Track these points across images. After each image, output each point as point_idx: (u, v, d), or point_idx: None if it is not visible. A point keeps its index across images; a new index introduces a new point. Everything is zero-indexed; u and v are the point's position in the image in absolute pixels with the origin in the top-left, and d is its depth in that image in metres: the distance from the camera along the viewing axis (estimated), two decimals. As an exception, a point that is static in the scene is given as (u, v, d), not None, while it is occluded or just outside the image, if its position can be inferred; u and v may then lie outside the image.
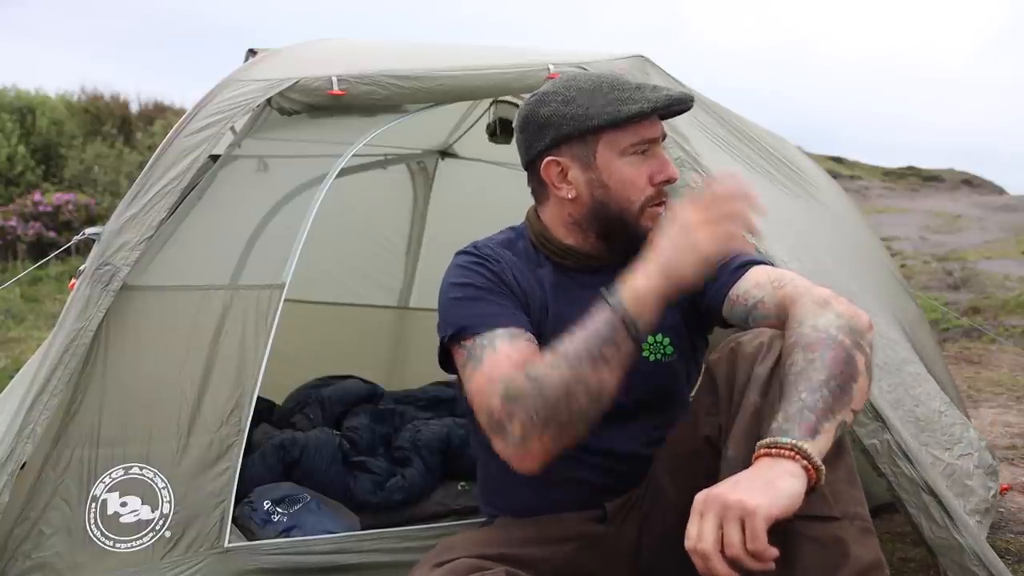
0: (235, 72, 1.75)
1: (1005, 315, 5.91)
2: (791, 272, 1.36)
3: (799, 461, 1.04)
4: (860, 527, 1.13)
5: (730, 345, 1.28)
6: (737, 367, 1.24)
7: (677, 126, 1.80)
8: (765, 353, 1.22)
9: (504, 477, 1.35)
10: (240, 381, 1.63)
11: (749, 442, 1.16)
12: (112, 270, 1.53)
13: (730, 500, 1.00)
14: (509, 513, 1.47)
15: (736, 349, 1.26)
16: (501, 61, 1.86)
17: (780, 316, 1.26)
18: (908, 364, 1.98)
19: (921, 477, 1.55)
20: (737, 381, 1.23)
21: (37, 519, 1.50)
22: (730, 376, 1.25)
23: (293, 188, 1.88)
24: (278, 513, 1.82)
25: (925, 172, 14.95)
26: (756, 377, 1.21)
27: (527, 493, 1.41)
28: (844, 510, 1.13)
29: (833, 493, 1.13)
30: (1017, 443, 3.13)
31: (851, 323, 1.18)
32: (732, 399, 1.23)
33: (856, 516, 1.13)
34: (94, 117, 11.71)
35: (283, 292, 1.69)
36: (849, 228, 2.51)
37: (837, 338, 1.15)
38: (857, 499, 1.16)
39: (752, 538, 0.97)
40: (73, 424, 1.53)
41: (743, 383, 1.22)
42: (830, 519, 1.11)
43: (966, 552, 1.50)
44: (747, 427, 1.18)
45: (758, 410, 1.19)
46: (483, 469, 1.54)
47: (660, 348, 1.40)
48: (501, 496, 1.49)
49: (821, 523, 1.11)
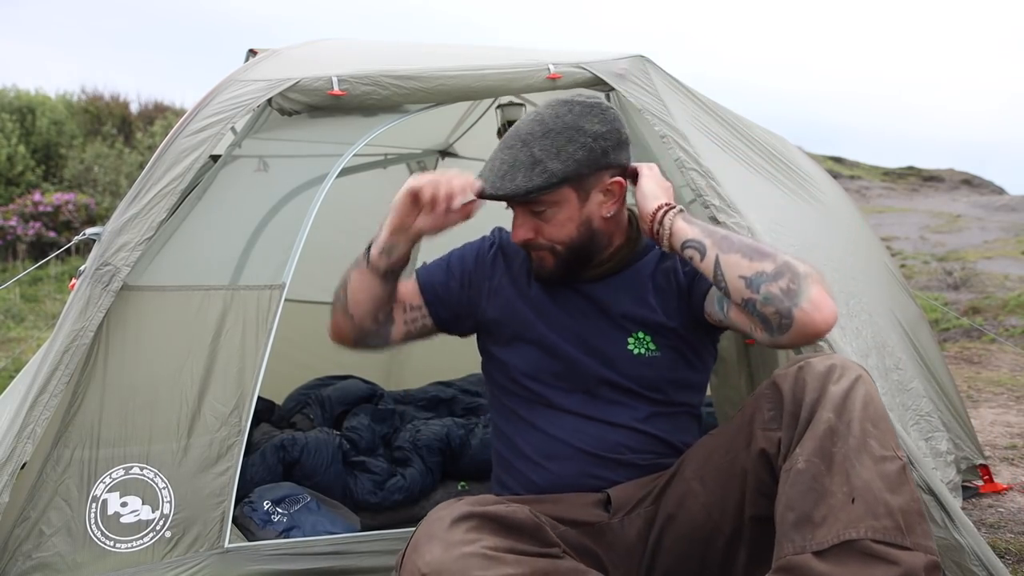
0: (235, 72, 1.75)
1: (1005, 315, 5.91)
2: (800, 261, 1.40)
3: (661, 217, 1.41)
4: (927, 561, 1.15)
5: (798, 363, 1.31)
6: (806, 384, 1.26)
7: (677, 126, 1.81)
8: (839, 375, 1.26)
9: (510, 452, 1.55)
10: (240, 381, 1.63)
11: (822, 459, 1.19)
12: (112, 270, 1.53)
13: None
14: (519, 490, 1.52)
15: (804, 367, 1.29)
16: (501, 61, 1.86)
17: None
18: (894, 372, 1.99)
19: (921, 477, 1.54)
20: (806, 399, 1.25)
21: (38, 519, 1.50)
22: (797, 393, 1.27)
23: (293, 188, 1.88)
24: (278, 513, 1.82)
25: (925, 172, 14.94)
26: (831, 395, 1.23)
27: (531, 467, 1.51)
28: (916, 542, 1.16)
29: (907, 525, 1.16)
30: (1017, 443, 3.13)
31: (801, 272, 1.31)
32: (799, 415, 1.25)
33: (927, 550, 1.16)
34: (94, 117, 11.71)
35: (283, 293, 1.69)
36: (849, 228, 2.51)
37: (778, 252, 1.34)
38: (928, 532, 1.18)
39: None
40: (73, 424, 1.53)
41: (813, 401, 1.24)
42: (902, 547, 1.14)
43: (966, 552, 1.50)
44: (820, 444, 1.20)
45: (831, 428, 1.21)
46: (494, 452, 1.62)
47: (643, 344, 1.51)
48: (510, 474, 1.55)
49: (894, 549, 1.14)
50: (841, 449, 1.19)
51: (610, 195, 1.47)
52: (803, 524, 1.17)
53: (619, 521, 1.43)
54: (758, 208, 1.83)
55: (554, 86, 1.84)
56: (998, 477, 2.62)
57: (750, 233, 1.67)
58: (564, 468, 1.49)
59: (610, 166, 1.45)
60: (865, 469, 1.17)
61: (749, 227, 1.69)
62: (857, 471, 1.17)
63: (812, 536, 1.15)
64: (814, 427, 1.22)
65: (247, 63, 1.91)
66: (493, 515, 1.24)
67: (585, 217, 1.46)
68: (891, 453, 1.20)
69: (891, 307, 2.30)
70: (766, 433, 1.30)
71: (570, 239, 1.47)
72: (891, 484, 1.17)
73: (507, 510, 1.27)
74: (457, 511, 1.23)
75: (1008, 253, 8.34)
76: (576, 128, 1.42)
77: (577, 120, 1.42)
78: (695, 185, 1.74)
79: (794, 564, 1.15)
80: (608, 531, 1.43)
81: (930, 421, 1.95)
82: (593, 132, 1.42)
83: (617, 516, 1.44)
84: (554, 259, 1.49)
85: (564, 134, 1.41)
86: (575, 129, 1.42)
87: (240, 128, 1.78)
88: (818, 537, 1.15)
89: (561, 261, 1.49)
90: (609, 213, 1.48)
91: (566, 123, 1.42)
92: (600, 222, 1.48)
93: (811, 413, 1.23)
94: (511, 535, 1.24)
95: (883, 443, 1.21)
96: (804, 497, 1.18)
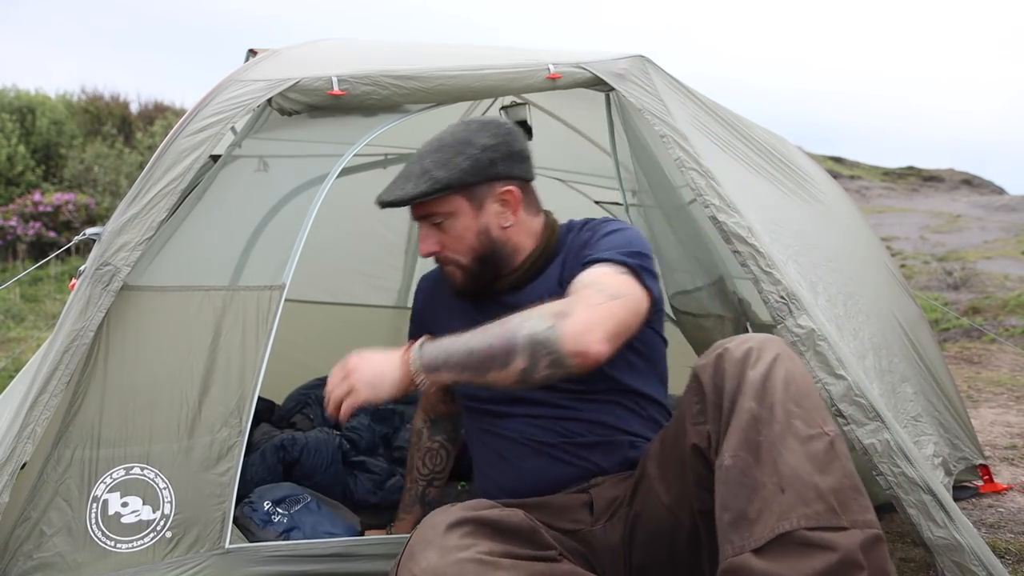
0: (235, 72, 1.74)
1: (1005, 315, 5.91)
2: (609, 280, 1.42)
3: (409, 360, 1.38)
4: (865, 537, 1.12)
5: (717, 351, 1.28)
6: (725, 373, 1.24)
7: (677, 126, 1.81)
8: (756, 358, 1.22)
9: (480, 455, 1.64)
10: (240, 381, 1.63)
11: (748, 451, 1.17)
12: (112, 270, 1.53)
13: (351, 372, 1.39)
14: (497, 492, 1.56)
15: (723, 355, 1.26)
16: (501, 61, 1.85)
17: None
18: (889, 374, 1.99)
19: (920, 477, 1.54)
20: (726, 388, 1.23)
21: (38, 519, 1.50)
22: (717, 383, 1.24)
23: (293, 188, 1.88)
24: (278, 513, 1.82)
25: (925, 172, 14.94)
26: (750, 382, 1.20)
27: (502, 464, 1.58)
28: (853, 519, 1.13)
29: (840, 502, 1.13)
30: (1017, 443, 3.13)
31: (552, 336, 1.30)
32: (722, 406, 1.23)
33: (866, 524, 1.14)
34: (94, 117, 11.71)
35: (283, 293, 1.69)
36: (849, 228, 2.51)
37: (519, 334, 1.32)
38: (865, 505, 1.15)
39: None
40: (74, 424, 1.53)
41: (733, 389, 1.22)
42: (838, 528, 1.11)
43: (966, 552, 1.50)
44: (744, 435, 1.18)
45: (754, 417, 1.18)
46: (472, 456, 1.70)
47: None
48: (486, 477, 1.64)
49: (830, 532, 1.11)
50: (767, 437, 1.16)
51: (506, 205, 1.55)
52: (739, 523, 1.15)
53: (602, 527, 1.44)
54: (758, 208, 1.83)
55: (554, 86, 1.84)
56: (998, 477, 2.62)
57: (750, 232, 1.67)
58: (527, 459, 1.55)
59: (499, 177, 1.54)
60: (792, 454, 1.15)
61: (749, 227, 1.69)
62: (784, 458, 1.15)
63: (749, 533, 1.13)
64: (737, 418, 1.19)
65: (247, 63, 1.91)
66: (488, 520, 1.25)
67: (482, 227, 1.54)
68: (817, 430, 1.17)
69: (891, 307, 2.30)
70: (696, 427, 1.28)
71: (471, 249, 1.55)
72: (820, 464, 1.15)
73: (502, 514, 1.28)
74: (452, 516, 1.24)
75: (1008, 253, 8.34)
76: (466, 142, 1.53)
77: (469, 135, 1.54)
78: (695, 185, 1.74)
79: (735, 566, 1.13)
80: (592, 537, 1.44)
81: (917, 425, 1.94)
82: (481, 144, 1.53)
83: (600, 522, 1.45)
84: (462, 272, 1.58)
85: (454, 147, 1.53)
86: (465, 143, 1.53)
87: (240, 128, 1.78)
88: (755, 534, 1.13)
89: (468, 273, 1.57)
90: (507, 223, 1.56)
91: (458, 138, 1.54)
92: (499, 231, 1.56)
93: (733, 403, 1.21)
94: (506, 539, 1.25)
95: (809, 421, 1.18)
96: (736, 495, 1.16)
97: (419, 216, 1.57)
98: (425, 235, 1.58)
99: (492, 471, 1.62)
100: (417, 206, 1.55)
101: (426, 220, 1.56)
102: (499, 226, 1.55)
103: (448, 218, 1.54)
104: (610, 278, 1.42)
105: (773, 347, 1.25)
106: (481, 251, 1.56)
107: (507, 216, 1.56)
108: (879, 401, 1.62)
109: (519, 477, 1.56)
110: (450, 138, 1.54)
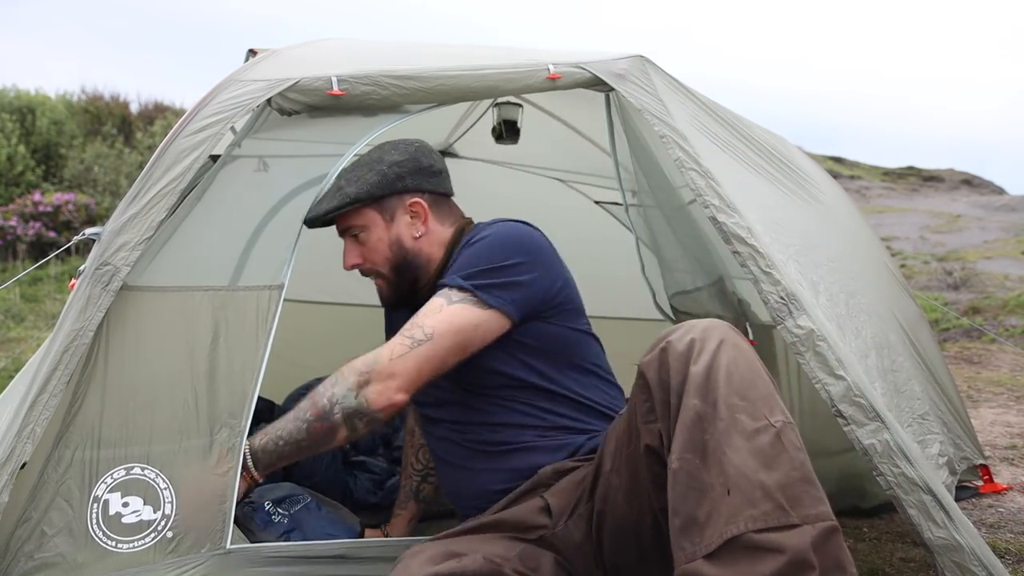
0: (235, 72, 1.74)
1: (1005, 315, 5.91)
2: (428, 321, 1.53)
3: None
4: (817, 533, 1.09)
5: (660, 345, 1.25)
6: (669, 368, 1.21)
7: (676, 126, 1.80)
8: (699, 350, 1.20)
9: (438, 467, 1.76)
10: (240, 381, 1.63)
11: (694, 452, 1.14)
12: (112, 270, 1.53)
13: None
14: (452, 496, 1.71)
15: (666, 348, 1.23)
16: (501, 61, 1.85)
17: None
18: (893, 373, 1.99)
19: (920, 477, 1.54)
20: (672, 384, 1.20)
21: (39, 520, 1.50)
22: (663, 379, 1.22)
23: (293, 188, 1.87)
24: (279, 514, 1.82)
25: (925, 172, 14.94)
26: (693, 378, 1.17)
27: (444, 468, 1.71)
28: (803, 514, 1.09)
29: (790, 498, 1.09)
30: (1017, 443, 3.13)
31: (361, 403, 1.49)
32: (669, 404, 1.20)
33: (818, 517, 1.10)
34: (94, 117, 11.72)
35: (282, 293, 1.69)
36: (849, 228, 2.51)
37: (333, 412, 1.50)
38: (816, 497, 1.12)
39: None
40: (74, 424, 1.53)
41: (678, 385, 1.19)
42: (788, 527, 1.08)
43: (966, 552, 1.50)
44: (690, 435, 1.15)
45: (699, 415, 1.15)
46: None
47: None
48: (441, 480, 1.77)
49: (779, 532, 1.08)
50: (712, 436, 1.14)
51: (416, 216, 1.69)
52: (689, 528, 1.13)
53: (564, 527, 1.44)
54: (758, 208, 1.83)
55: (554, 86, 1.84)
56: (998, 477, 2.63)
57: (750, 233, 1.67)
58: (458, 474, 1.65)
59: (407, 190, 1.68)
60: (736, 452, 1.12)
61: (749, 227, 1.69)
62: (728, 457, 1.12)
63: (700, 539, 1.11)
64: (682, 417, 1.17)
65: (247, 63, 1.91)
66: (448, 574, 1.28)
67: (395, 237, 1.68)
68: (763, 423, 1.14)
69: (891, 307, 2.30)
70: (647, 427, 1.27)
71: (387, 259, 1.69)
72: (766, 459, 1.12)
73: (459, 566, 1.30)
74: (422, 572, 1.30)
75: (1008, 253, 8.34)
76: (377, 160, 1.69)
77: (380, 154, 1.71)
78: (695, 185, 1.74)
79: (687, 573, 1.11)
80: (557, 539, 1.44)
81: (923, 424, 1.94)
82: (389, 160, 1.69)
83: (560, 523, 1.44)
84: (385, 284, 1.72)
85: (367, 165, 1.69)
86: (376, 160, 1.69)
87: (240, 128, 1.78)
88: (706, 539, 1.10)
89: (391, 285, 1.71)
90: (418, 233, 1.69)
91: (371, 157, 1.71)
92: (411, 242, 1.69)
93: (679, 400, 1.18)
94: None
95: (754, 414, 1.15)
96: (685, 499, 1.14)
97: (341, 231, 1.72)
98: (348, 250, 1.72)
99: (442, 477, 1.75)
100: (338, 221, 1.69)
101: (347, 234, 1.71)
102: (411, 236, 1.68)
103: (363, 231, 1.69)
104: (431, 317, 1.53)
105: (716, 334, 1.22)
106: (395, 261, 1.68)
107: (418, 227, 1.69)
108: (879, 401, 1.62)
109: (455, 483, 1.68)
110: (365, 158, 1.71)
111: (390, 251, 1.68)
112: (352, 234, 1.71)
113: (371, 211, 1.68)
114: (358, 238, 1.70)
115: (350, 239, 1.72)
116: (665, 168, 2.03)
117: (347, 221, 1.69)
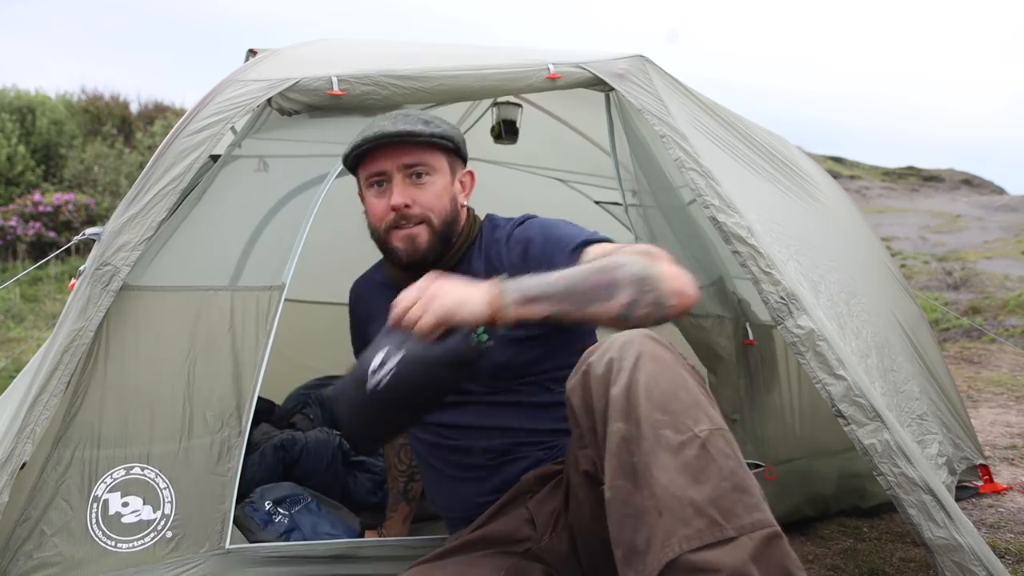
0: (235, 72, 1.74)
1: (1005, 315, 5.91)
2: (630, 245, 1.40)
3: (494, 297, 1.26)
4: (756, 544, 1.03)
5: (582, 368, 1.21)
6: (592, 392, 1.17)
7: (676, 126, 1.81)
8: (617, 370, 1.15)
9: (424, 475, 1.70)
10: (240, 381, 1.63)
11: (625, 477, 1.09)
12: (112, 270, 1.53)
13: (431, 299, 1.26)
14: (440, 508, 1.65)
15: (587, 372, 1.19)
16: (501, 61, 1.85)
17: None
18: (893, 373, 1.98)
19: (920, 477, 1.54)
20: (596, 409, 1.16)
21: (39, 519, 1.50)
22: (587, 404, 1.18)
23: (293, 188, 1.88)
24: (279, 514, 1.82)
25: (925, 172, 14.96)
26: (615, 401, 1.13)
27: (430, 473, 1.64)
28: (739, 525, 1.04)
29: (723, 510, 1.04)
30: (1017, 443, 3.13)
31: (654, 274, 1.27)
32: (596, 430, 1.17)
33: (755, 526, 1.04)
34: (94, 117, 11.72)
35: (283, 293, 1.69)
36: (849, 228, 2.51)
37: (620, 270, 1.28)
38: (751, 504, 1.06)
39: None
40: (74, 424, 1.53)
41: (602, 410, 1.15)
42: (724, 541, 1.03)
43: (966, 552, 1.50)
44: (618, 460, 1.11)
45: (624, 438, 1.11)
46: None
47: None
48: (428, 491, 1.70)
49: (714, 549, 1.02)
50: (639, 458, 1.09)
51: (464, 185, 1.63)
52: (631, 557, 1.08)
53: (549, 539, 1.41)
54: (758, 208, 1.83)
55: (554, 86, 1.84)
56: (998, 477, 2.63)
57: (750, 233, 1.67)
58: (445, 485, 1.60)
59: (464, 159, 1.63)
60: (663, 471, 1.07)
61: (749, 227, 1.69)
62: (656, 477, 1.07)
63: (643, 567, 1.05)
64: (609, 443, 1.12)
65: (247, 63, 1.91)
66: None
67: (453, 195, 1.58)
68: (688, 435, 1.08)
69: (891, 307, 2.30)
70: (583, 452, 1.24)
71: (444, 210, 1.56)
72: (694, 473, 1.06)
73: None
74: None
75: (1008, 253, 8.35)
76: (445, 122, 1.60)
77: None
78: (695, 185, 1.74)
79: None
80: (543, 552, 1.41)
81: (922, 424, 1.94)
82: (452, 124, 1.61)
83: (545, 536, 1.41)
84: (430, 233, 1.54)
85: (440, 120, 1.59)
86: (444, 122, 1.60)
87: (240, 128, 1.78)
88: (648, 566, 1.05)
89: (436, 236, 1.55)
90: (465, 201, 1.62)
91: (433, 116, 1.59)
92: (458, 206, 1.60)
93: (604, 426, 1.14)
94: None
95: (677, 427, 1.09)
96: (622, 527, 1.09)
97: (406, 164, 1.53)
98: (400, 189, 1.53)
99: (428, 487, 1.69)
100: (410, 152, 1.53)
101: (409, 171, 1.53)
102: (460, 202, 1.61)
103: (434, 173, 1.55)
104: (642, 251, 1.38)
105: (633, 349, 1.16)
106: (447, 217, 1.56)
107: (465, 195, 1.63)
108: (879, 401, 1.62)
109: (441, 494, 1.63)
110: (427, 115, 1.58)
111: (449, 205, 1.56)
112: (414, 172, 1.53)
113: (449, 158, 1.57)
114: (420, 179, 1.53)
115: (404, 178, 1.53)
116: (665, 168, 2.04)
117: (421, 157, 1.53)
